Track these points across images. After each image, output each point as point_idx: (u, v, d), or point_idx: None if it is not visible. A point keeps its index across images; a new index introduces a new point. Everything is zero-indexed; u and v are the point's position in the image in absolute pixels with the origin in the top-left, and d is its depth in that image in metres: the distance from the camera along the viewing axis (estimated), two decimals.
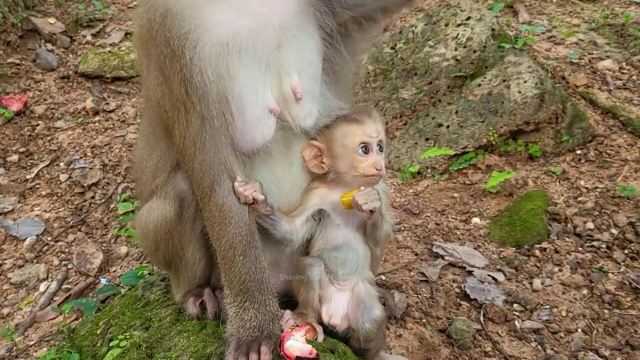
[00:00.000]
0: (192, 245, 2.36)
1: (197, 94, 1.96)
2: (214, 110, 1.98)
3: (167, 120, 2.12)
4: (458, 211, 4.13)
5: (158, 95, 2.08)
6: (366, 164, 2.20)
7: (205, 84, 1.95)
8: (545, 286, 3.37)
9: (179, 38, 1.93)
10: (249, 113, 2.03)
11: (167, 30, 1.93)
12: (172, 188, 2.28)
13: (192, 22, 1.93)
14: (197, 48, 1.93)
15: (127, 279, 3.33)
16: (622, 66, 5.21)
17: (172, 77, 1.97)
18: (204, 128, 2.00)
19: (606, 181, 4.11)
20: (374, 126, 2.24)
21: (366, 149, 2.21)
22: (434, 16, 5.24)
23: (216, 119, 1.99)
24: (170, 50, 1.94)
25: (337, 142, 2.23)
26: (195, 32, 1.93)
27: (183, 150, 2.09)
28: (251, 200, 2.10)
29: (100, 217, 4.35)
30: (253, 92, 2.03)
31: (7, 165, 4.75)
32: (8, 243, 4.07)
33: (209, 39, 1.94)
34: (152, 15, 1.97)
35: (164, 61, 1.97)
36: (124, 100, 5.67)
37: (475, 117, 4.54)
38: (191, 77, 1.94)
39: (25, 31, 6.04)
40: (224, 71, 1.96)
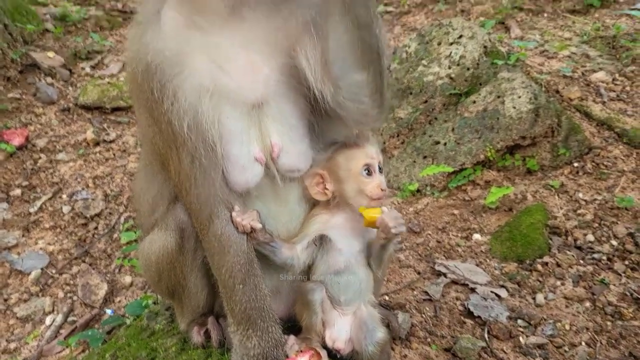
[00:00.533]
0: (194, 274, 2.40)
1: (181, 136, 2.02)
2: (202, 151, 2.03)
3: (162, 157, 2.17)
4: (459, 228, 4.15)
5: (150, 134, 2.14)
6: (371, 185, 2.24)
7: (185, 129, 2.00)
8: (548, 300, 3.38)
9: (160, 87, 1.99)
10: (234, 159, 2.09)
11: (150, 80, 2.00)
12: (173, 219, 2.32)
13: (173, 72, 1.99)
14: (176, 95, 1.99)
15: (132, 309, 3.35)
16: (615, 77, 5.27)
17: (159, 118, 2.03)
18: (195, 165, 2.05)
19: (604, 193, 4.13)
20: (373, 148, 2.30)
21: (369, 170, 2.25)
22: (427, 35, 5.32)
23: (204, 158, 2.04)
24: (154, 97, 2.01)
25: (341, 167, 2.27)
26: (175, 80, 1.99)
27: (179, 184, 2.14)
28: (249, 229, 2.14)
29: (103, 247, 4.38)
30: (238, 140, 2.08)
31: (11, 200, 4.80)
32: (13, 277, 4.09)
33: (188, 87, 1.99)
34: (136, 65, 2.04)
35: (151, 105, 2.04)
36: (124, 130, 5.74)
37: (472, 133, 4.59)
38: (173, 122, 2.00)
39: (25, 66, 6.15)
40: (205, 118, 2.00)
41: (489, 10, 6.86)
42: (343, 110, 2.10)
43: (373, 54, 1.99)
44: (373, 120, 2.18)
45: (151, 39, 2.01)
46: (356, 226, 2.32)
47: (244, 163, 2.11)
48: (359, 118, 2.14)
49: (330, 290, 2.32)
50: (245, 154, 2.10)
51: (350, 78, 2.03)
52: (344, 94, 2.05)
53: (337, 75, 2.03)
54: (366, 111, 2.11)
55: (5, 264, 4.16)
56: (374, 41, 1.97)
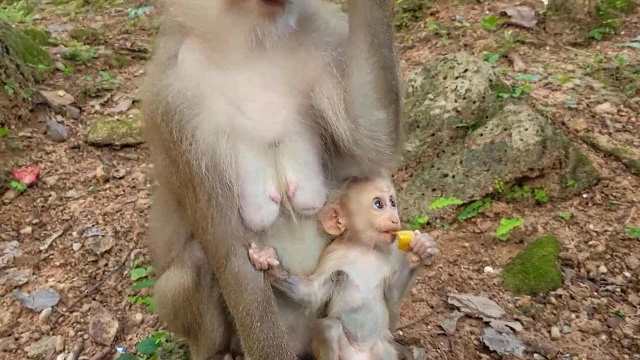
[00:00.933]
0: (210, 312, 2.40)
1: (199, 176, 2.05)
2: (219, 190, 2.07)
3: (178, 196, 2.21)
4: (470, 261, 4.14)
5: (167, 174, 2.18)
6: (382, 217, 2.26)
7: (203, 169, 2.04)
8: (563, 334, 3.35)
9: (180, 128, 2.04)
10: (250, 198, 2.13)
11: (170, 121, 2.05)
12: (189, 257, 2.33)
13: (192, 113, 2.04)
14: (194, 136, 2.03)
15: (145, 347, 3.33)
16: (620, 109, 5.32)
17: (176, 159, 2.07)
18: (212, 204, 2.08)
19: (615, 224, 4.13)
20: (383, 182, 2.33)
21: (380, 203, 2.28)
22: (432, 70, 5.40)
23: (221, 197, 2.07)
24: (172, 138, 2.06)
25: (352, 200, 2.30)
26: (194, 121, 2.04)
27: (196, 223, 2.17)
28: (266, 266, 2.15)
29: (114, 284, 4.37)
30: (253, 180, 2.12)
31: (21, 238, 4.81)
32: (24, 316, 4.07)
33: (206, 128, 2.04)
34: (156, 107, 2.09)
35: (169, 145, 2.08)
36: (133, 167, 5.79)
37: (480, 166, 4.61)
38: (191, 162, 2.04)
39: (35, 105, 6.23)
40: (222, 158, 2.05)
41: (492, 44, 6.97)
42: (360, 148, 2.14)
43: (393, 93, 2.05)
44: (388, 159, 2.22)
45: (171, 80, 2.06)
46: (373, 261, 2.32)
47: (259, 202, 2.13)
48: (374, 156, 2.17)
49: (347, 326, 2.32)
50: (261, 193, 2.13)
51: (371, 116, 2.08)
52: (362, 132, 2.10)
53: (358, 113, 2.08)
54: (382, 149, 2.14)
55: (16, 303, 4.14)
56: (395, 81, 2.04)
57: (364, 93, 2.05)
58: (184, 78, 2.08)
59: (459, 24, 7.55)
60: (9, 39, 6.56)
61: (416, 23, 8.08)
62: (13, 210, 5.05)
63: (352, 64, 2.03)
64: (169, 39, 2.20)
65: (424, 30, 7.81)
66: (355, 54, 2.01)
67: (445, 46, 7.25)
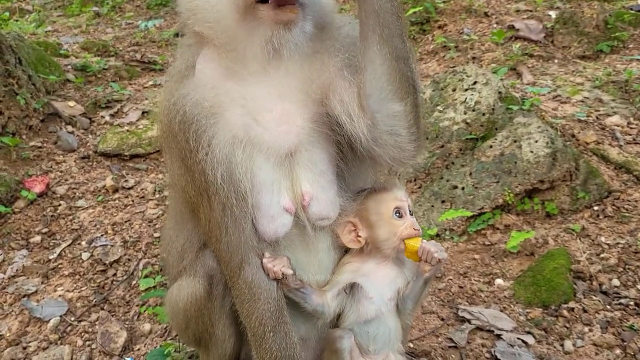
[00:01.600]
0: (222, 322, 2.39)
1: (214, 185, 2.06)
2: (233, 200, 2.07)
3: (192, 205, 2.21)
4: (480, 273, 4.11)
5: (182, 183, 2.19)
6: (404, 226, 2.27)
7: (219, 178, 2.05)
8: (577, 347, 3.31)
9: (196, 137, 2.05)
10: (264, 209, 2.12)
11: (186, 130, 2.06)
12: (202, 266, 2.33)
13: (209, 122, 2.05)
14: (211, 146, 2.04)
15: (153, 357, 3.31)
16: (630, 121, 5.30)
17: (192, 167, 2.08)
18: (226, 214, 2.09)
19: (627, 236, 4.09)
20: (400, 191, 2.34)
21: (399, 213, 2.28)
22: (441, 82, 5.41)
23: (235, 207, 2.07)
24: (189, 146, 2.07)
25: (372, 212, 2.30)
26: (210, 131, 2.05)
27: (209, 232, 2.17)
28: (280, 275, 2.14)
29: (122, 294, 4.36)
30: (268, 191, 2.12)
31: (30, 247, 4.82)
32: (32, 325, 4.07)
33: (223, 138, 2.05)
34: (172, 117, 2.11)
35: (185, 154, 2.10)
36: (143, 177, 5.80)
37: (490, 177, 4.60)
38: (207, 171, 2.05)
39: (46, 115, 6.28)
40: (238, 168, 2.05)
41: (500, 57, 6.98)
42: (380, 146, 2.09)
43: (410, 85, 2.02)
44: (410, 156, 2.16)
45: (189, 90, 2.07)
46: (387, 273, 2.31)
47: (273, 213, 2.13)
48: (395, 153, 2.12)
49: (359, 339, 2.30)
50: (275, 204, 2.12)
51: (388, 109, 2.04)
52: (381, 127, 2.05)
53: (374, 108, 2.04)
54: (403, 145, 2.10)
55: (25, 312, 4.14)
56: (410, 73, 2.01)
57: (379, 86, 2.01)
58: (201, 88, 2.09)
59: (467, 37, 7.57)
60: (22, 50, 6.63)
61: (424, 36, 8.11)
62: (23, 220, 5.06)
63: (364, 57, 2.00)
64: (187, 50, 2.22)
65: (432, 43, 7.83)
66: (367, 47, 1.98)
67: (454, 59, 7.27)
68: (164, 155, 2.51)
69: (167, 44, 9.36)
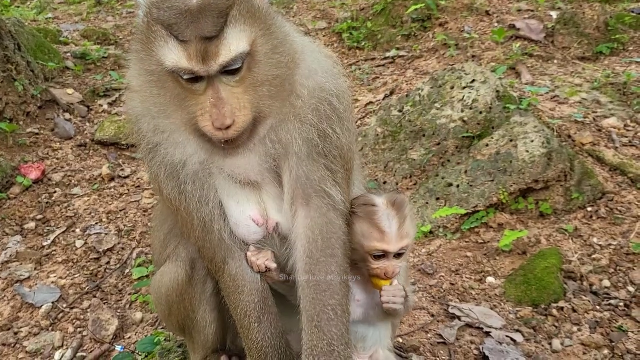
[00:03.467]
0: (202, 307, 2.41)
1: (170, 195, 2.12)
2: (195, 207, 2.12)
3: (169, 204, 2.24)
4: (472, 271, 4.12)
5: (155, 186, 2.24)
6: (377, 267, 2.15)
7: (169, 191, 2.12)
8: (565, 347, 3.33)
9: (148, 150, 2.10)
10: (233, 217, 2.16)
11: (140, 142, 2.13)
12: (184, 250, 2.36)
13: (158, 139, 2.08)
14: (163, 160, 2.09)
15: (144, 345, 3.33)
16: (627, 123, 5.30)
17: (154, 172, 2.14)
18: (195, 219, 2.13)
19: (619, 238, 4.11)
20: (396, 240, 2.10)
21: (381, 256, 2.14)
22: (440, 80, 5.40)
23: (202, 214, 2.12)
24: (147, 159, 2.14)
25: (356, 235, 2.18)
26: (160, 148, 2.08)
27: (192, 232, 2.19)
28: (264, 268, 2.16)
29: (115, 282, 4.38)
30: (233, 200, 2.14)
31: (25, 233, 4.83)
32: (24, 311, 4.08)
33: (170, 157, 2.08)
34: (132, 124, 2.16)
35: (148, 165, 2.16)
36: (139, 166, 5.81)
37: (485, 176, 4.61)
38: (162, 182, 2.12)
39: (44, 102, 6.27)
40: (190, 184, 2.09)
41: (500, 56, 6.98)
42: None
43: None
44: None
45: (141, 108, 2.08)
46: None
47: (237, 221, 2.16)
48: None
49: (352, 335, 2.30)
50: (240, 213, 2.16)
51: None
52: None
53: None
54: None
55: (17, 297, 4.16)
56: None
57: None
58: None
59: (468, 35, 7.56)
60: (21, 36, 6.62)
61: (425, 33, 8.09)
62: (18, 206, 5.07)
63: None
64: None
65: (432, 41, 7.82)
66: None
67: (454, 57, 7.26)
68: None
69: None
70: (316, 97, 2.08)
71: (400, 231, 2.11)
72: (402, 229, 2.12)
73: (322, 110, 2.08)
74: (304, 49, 2.09)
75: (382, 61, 7.77)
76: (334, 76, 2.17)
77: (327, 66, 2.18)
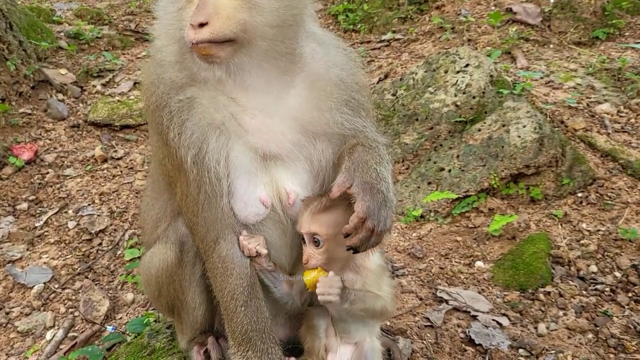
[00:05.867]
0: (192, 289, 2.42)
1: (187, 164, 2.08)
2: (206, 180, 2.09)
3: (169, 178, 2.23)
4: (462, 255, 4.15)
5: (160, 155, 2.21)
6: (304, 252, 2.17)
7: (189, 160, 2.08)
8: (550, 331, 3.36)
9: (169, 118, 2.08)
10: (238, 195, 2.15)
11: (161, 110, 2.10)
12: (173, 232, 2.37)
13: (182, 107, 2.08)
14: (182, 128, 2.07)
15: (133, 326, 3.35)
16: (620, 109, 5.31)
17: (169, 143, 2.09)
18: (201, 191, 2.11)
19: (608, 224, 4.13)
20: (307, 222, 2.12)
21: (304, 238, 2.16)
22: (434, 63, 5.39)
23: (209, 187, 2.10)
24: (162, 126, 2.11)
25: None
26: (183, 114, 2.08)
27: (186, 207, 2.18)
28: (254, 253, 2.17)
29: (107, 263, 4.40)
30: (244, 179, 2.13)
31: (17, 214, 4.84)
32: (16, 291, 4.11)
33: (196, 123, 2.08)
34: (150, 94, 2.15)
35: (161, 129, 2.11)
36: (132, 148, 5.80)
37: (476, 161, 4.62)
38: (180, 150, 2.08)
39: (37, 82, 6.24)
40: (210, 154, 2.07)
41: (496, 40, 6.94)
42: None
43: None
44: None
45: (167, 71, 2.08)
46: (360, 264, 2.28)
47: (246, 201, 2.15)
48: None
49: (337, 327, 2.31)
50: (250, 193, 2.15)
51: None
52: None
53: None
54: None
55: (9, 277, 4.18)
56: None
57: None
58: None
59: (464, 18, 7.51)
60: (13, 15, 6.55)
61: (421, 16, 8.05)
62: (10, 186, 5.07)
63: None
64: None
65: (428, 24, 7.78)
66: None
67: (449, 40, 7.23)
68: (148, 124, 2.54)
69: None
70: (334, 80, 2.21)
71: (314, 216, 2.11)
72: (318, 216, 2.11)
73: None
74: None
75: (377, 44, 7.73)
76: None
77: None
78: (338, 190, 1.98)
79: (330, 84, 2.18)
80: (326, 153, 2.18)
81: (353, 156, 2.06)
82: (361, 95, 2.26)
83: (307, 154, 2.18)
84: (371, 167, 2.01)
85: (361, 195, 1.94)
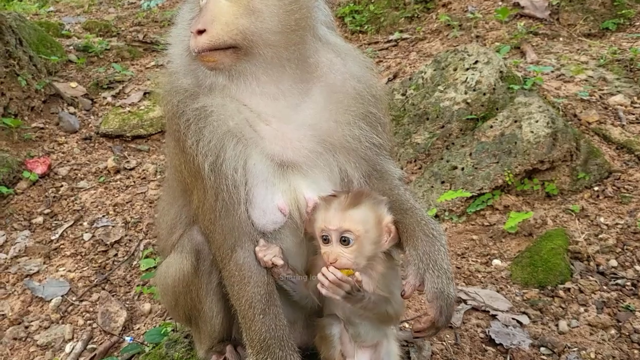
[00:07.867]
0: (209, 298, 2.41)
1: (204, 172, 2.08)
2: (224, 187, 2.08)
3: (185, 185, 2.22)
4: (478, 253, 4.11)
5: (176, 162, 2.21)
6: (324, 252, 2.09)
7: (207, 167, 2.08)
8: (571, 328, 3.31)
9: (187, 125, 2.09)
10: (257, 202, 2.14)
11: (179, 117, 2.11)
12: (189, 241, 2.36)
13: (200, 115, 2.08)
14: (201, 135, 2.07)
15: (151, 336, 3.36)
16: (633, 100, 5.23)
17: (186, 150, 2.09)
18: (219, 199, 2.10)
19: (626, 217, 4.07)
20: (337, 220, 2.05)
21: (326, 238, 2.09)
22: (442, 62, 5.35)
23: (226, 195, 2.09)
24: (180, 133, 2.11)
25: (312, 222, 2.16)
26: (201, 122, 2.08)
27: (203, 215, 2.18)
28: (270, 265, 2.15)
29: (123, 274, 4.41)
30: (262, 186, 2.13)
31: (33, 227, 4.87)
32: (34, 305, 4.13)
33: (214, 130, 2.08)
34: (167, 102, 2.16)
35: (179, 136, 2.11)
36: (144, 158, 5.83)
37: (489, 158, 4.57)
38: (198, 158, 2.08)
39: (48, 96, 6.29)
40: (227, 162, 2.07)
41: (504, 36, 6.89)
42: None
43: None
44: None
45: (185, 79, 2.09)
46: (378, 269, 2.25)
47: (265, 208, 2.14)
48: None
49: (352, 330, 2.29)
50: (268, 201, 2.14)
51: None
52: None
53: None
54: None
55: (27, 291, 4.21)
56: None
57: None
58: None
59: (471, 15, 7.46)
60: (23, 31, 6.63)
61: (428, 14, 8.01)
62: (25, 201, 5.11)
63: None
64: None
65: (435, 22, 7.74)
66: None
67: (457, 38, 7.18)
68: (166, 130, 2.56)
69: (169, 24, 9.30)
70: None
71: (344, 213, 2.06)
72: (349, 212, 2.07)
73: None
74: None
75: (385, 44, 7.70)
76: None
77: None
78: (411, 291, 2.14)
79: (348, 97, 2.19)
80: (347, 166, 2.21)
81: (418, 250, 2.13)
82: (378, 109, 2.27)
83: (327, 163, 2.19)
84: (441, 269, 2.11)
85: (435, 303, 2.09)
